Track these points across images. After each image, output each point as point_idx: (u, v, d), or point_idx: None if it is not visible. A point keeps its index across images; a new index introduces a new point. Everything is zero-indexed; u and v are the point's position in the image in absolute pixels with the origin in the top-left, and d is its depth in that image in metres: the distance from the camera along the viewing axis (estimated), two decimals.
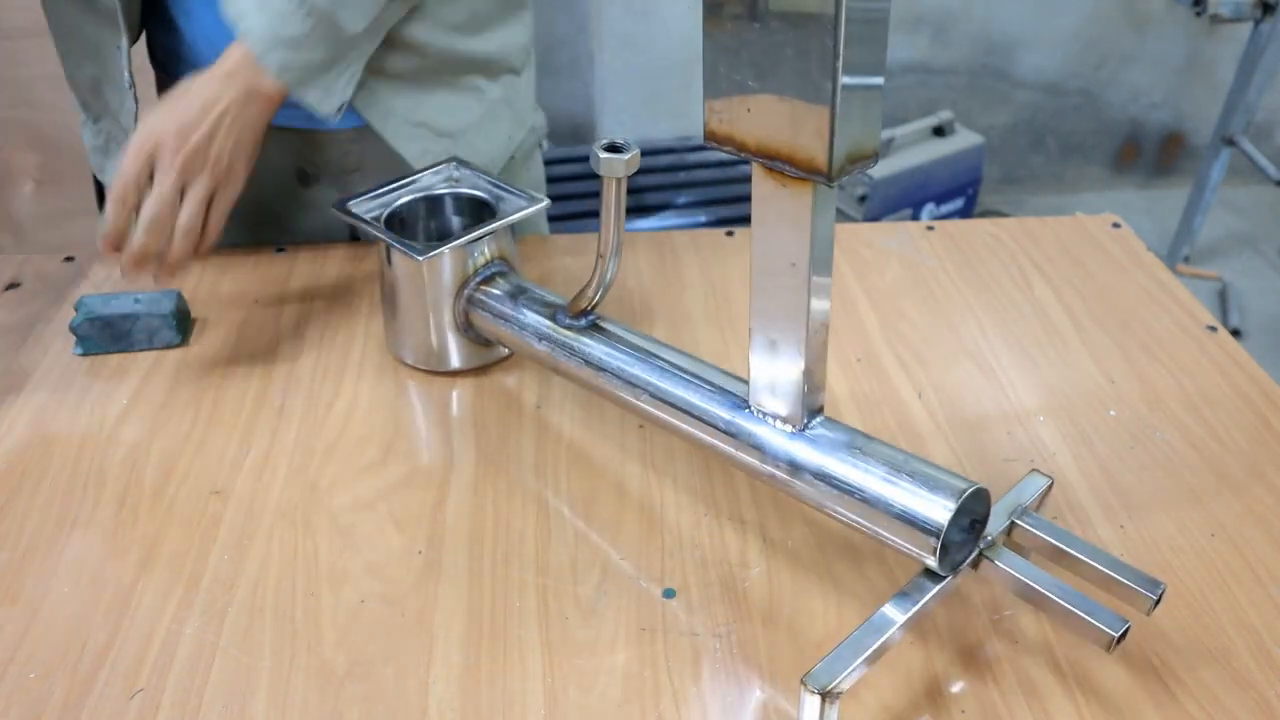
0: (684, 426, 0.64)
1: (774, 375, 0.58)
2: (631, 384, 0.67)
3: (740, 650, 0.60)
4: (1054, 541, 0.58)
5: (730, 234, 1.02)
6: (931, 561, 0.54)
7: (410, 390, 0.81)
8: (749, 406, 0.61)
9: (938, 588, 0.55)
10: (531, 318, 0.73)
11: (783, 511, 0.69)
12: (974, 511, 0.56)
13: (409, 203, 0.81)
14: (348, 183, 0.97)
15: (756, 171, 0.52)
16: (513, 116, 0.99)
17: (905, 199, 2.53)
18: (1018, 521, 0.59)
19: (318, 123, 0.91)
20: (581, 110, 2.68)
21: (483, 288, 0.77)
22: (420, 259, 0.72)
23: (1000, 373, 0.82)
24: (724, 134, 0.51)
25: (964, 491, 0.53)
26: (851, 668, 0.51)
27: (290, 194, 0.98)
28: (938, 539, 0.53)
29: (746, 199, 0.53)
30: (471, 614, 0.62)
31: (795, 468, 0.59)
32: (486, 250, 0.77)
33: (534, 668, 0.59)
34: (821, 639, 0.60)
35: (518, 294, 0.76)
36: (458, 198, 0.83)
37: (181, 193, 0.77)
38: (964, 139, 2.61)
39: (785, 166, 0.49)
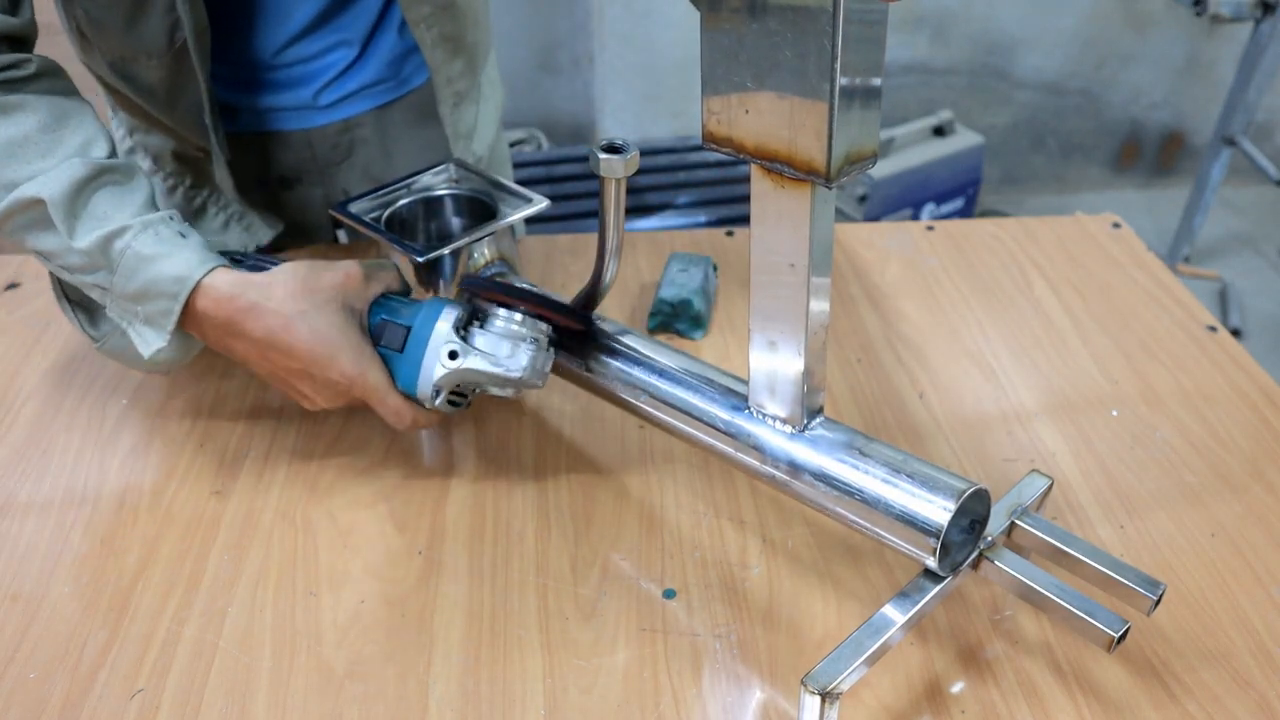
0: (684, 427, 0.64)
1: (774, 376, 0.58)
2: (631, 384, 0.67)
3: (740, 650, 0.60)
4: (1054, 541, 0.58)
5: (730, 234, 1.02)
6: (931, 562, 0.54)
7: None
8: (749, 407, 0.61)
9: (938, 588, 0.55)
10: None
11: (783, 512, 0.69)
12: (974, 512, 0.56)
13: (409, 204, 0.81)
14: (334, 175, 0.97)
15: (755, 172, 0.52)
16: (499, 84, 1.06)
17: (905, 199, 2.53)
18: (1018, 522, 0.59)
19: (306, 122, 0.92)
20: (581, 110, 2.68)
21: None
22: (421, 260, 0.72)
23: (1000, 373, 0.82)
24: (722, 135, 0.51)
25: (964, 492, 0.53)
26: (851, 668, 0.51)
27: (272, 199, 0.98)
28: (937, 539, 0.53)
29: (746, 199, 0.53)
30: (471, 614, 0.62)
31: (795, 468, 0.59)
32: (486, 251, 0.77)
33: (534, 668, 0.59)
34: (821, 639, 0.60)
35: None
36: (457, 199, 0.83)
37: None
38: (964, 139, 2.60)
39: (784, 168, 0.49)
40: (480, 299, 0.68)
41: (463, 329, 0.66)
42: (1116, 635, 0.52)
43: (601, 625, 0.61)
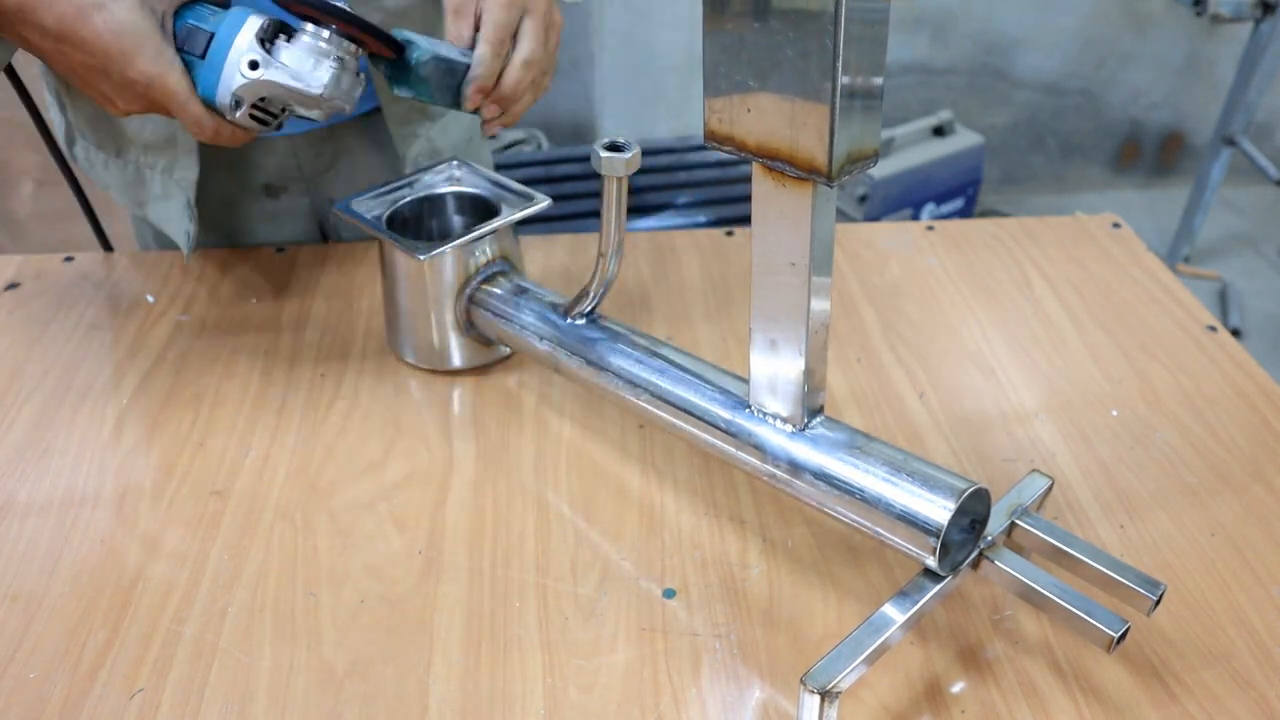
0: (684, 426, 0.64)
1: (774, 375, 0.58)
2: (632, 384, 0.67)
3: (740, 650, 0.60)
4: (1054, 541, 0.58)
5: (730, 234, 1.02)
6: (931, 561, 0.54)
7: (411, 389, 0.81)
8: (749, 406, 0.61)
9: (938, 588, 0.55)
10: (532, 317, 0.73)
11: (783, 511, 0.69)
12: (974, 511, 0.56)
13: (411, 202, 0.81)
14: (319, 185, 0.97)
15: (756, 171, 0.52)
16: None
17: (905, 199, 2.53)
18: (1018, 522, 0.59)
19: (291, 128, 0.92)
20: (581, 110, 2.68)
21: (484, 287, 0.77)
22: (422, 258, 0.72)
23: (1000, 373, 0.83)
24: (724, 134, 0.51)
25: (964, 491, 0.53)
26: (851, 667, 0.51)
27: (258, 208, 0.98)
28: (937, 539, 0.53)
29: (746, 199, 0.53)
30: (471, 614, 0.62)
31: (795, 468, 0.59)
32: (488, 250, 0.77)
33: (534, 668, 0.59)
34: (821, 639, 0.60)
35: (519, 293, 0.76)
36: (459, 197, 0.83)
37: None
38: (964, 139, 2.61)
39: (785, 167, 0.49)
40: (293, 12, 0.67)
41: (269, 41, 0.65)
42: (1116, 635, 0.52)
43: (601, 625, 0.61)
